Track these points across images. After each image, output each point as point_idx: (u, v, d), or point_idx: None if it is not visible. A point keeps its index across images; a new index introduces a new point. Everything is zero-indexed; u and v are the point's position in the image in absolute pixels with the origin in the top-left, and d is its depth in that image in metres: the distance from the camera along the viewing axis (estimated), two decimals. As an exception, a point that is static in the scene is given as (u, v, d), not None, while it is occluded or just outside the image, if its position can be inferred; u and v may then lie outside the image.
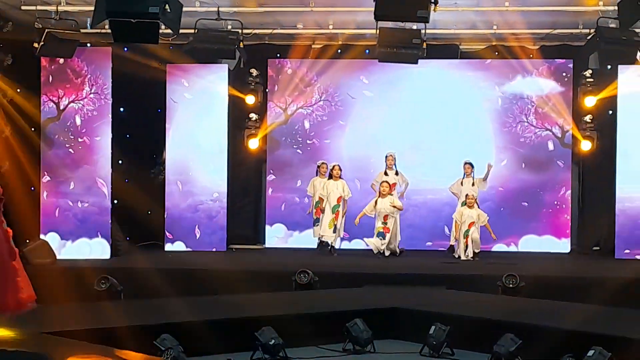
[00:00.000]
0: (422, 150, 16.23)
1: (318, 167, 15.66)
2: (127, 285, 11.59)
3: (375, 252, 14.69)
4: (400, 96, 16.51)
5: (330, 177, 15.19)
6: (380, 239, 14.69)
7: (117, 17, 10.04)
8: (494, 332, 8.23)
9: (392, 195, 14.84)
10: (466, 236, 14.62)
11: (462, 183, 15.14)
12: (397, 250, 14.90)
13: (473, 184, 15.05)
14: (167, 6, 10.02)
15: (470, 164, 15.16)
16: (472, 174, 15.14)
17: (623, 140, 15.21)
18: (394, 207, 14.72)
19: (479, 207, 14.82)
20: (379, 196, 14.79)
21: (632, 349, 7.67)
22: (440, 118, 16.36)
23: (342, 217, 15.17)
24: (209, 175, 15.69)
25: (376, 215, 14.78)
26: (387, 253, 14.71)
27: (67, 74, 14.66)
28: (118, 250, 14.71)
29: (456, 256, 14.72)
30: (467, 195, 14.85)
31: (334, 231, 15.01)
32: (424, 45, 12.92)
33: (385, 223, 14.70)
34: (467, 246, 14.62)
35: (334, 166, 15.27)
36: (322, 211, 15.19)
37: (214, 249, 15.51)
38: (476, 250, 14.61)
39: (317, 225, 15.36)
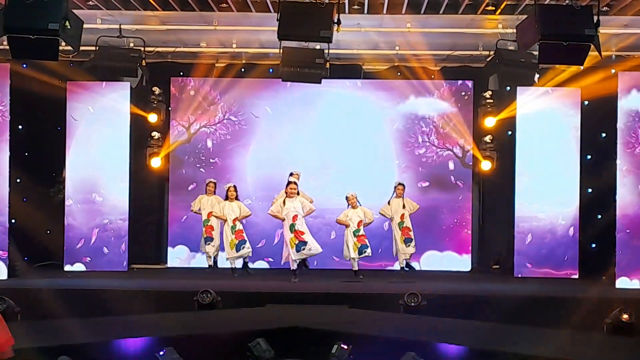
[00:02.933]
0: (326, 169, 16.28)
1: (206, 185, 15.50)
2: (24, 307, 11.32)
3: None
4: (305, 116, 16.57)
5: (227, 197, 14.97)
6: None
7: (15, 33, 9.84)
8: (396, 351, 8.26)
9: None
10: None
11: (389, 203, 15.10)
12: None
13: (404, 206, 15.01)
14: (67, 22, 9.85)
15: (403, 184, 15.16)
16: (403, 194, 15.13)
17: (522, 160, 15.50)
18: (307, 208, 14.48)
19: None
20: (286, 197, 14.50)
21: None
22: (344, 137, 16.45)
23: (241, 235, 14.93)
24: (110, 194, 15.49)
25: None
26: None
27: (-36, 90, 14.32)
28: (15, 270, 14.37)
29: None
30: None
31: (237, 250, 14.80)
32: (328, 65, 12.97)
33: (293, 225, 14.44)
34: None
35: (229, 187, 15.06)
36: (213, 229, 15.10)
37: (115, 269, 15.28)
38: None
39: (209, 244, 15.20)
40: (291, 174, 14.75)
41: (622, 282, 13.84)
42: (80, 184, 15.45)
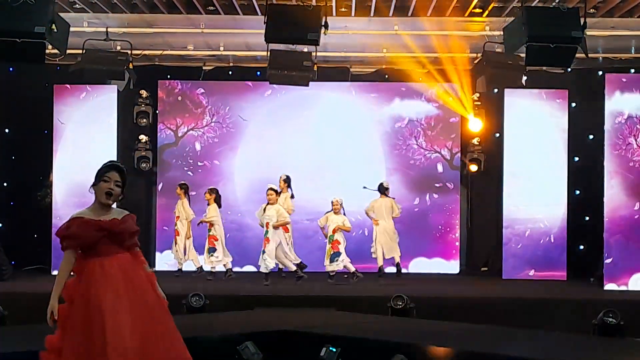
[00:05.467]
0: (314, 172, 16.26)
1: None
2: (11, 311, 11.27)
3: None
4: (292, 119, 16.56)
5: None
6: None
7: (1, 36, 9.81)
8: (384, 353, 8.26)
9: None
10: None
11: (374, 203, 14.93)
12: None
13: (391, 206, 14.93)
14: (53, 26, 9.83)
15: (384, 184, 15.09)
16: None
17: (509, 162, 15.53)
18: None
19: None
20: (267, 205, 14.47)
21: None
22: (332, 141, 16.44)
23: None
24: (97, 197, 15.41)
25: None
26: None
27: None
28: (2, 274, 14.32)
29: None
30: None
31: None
32: (315, 68, 12.99)
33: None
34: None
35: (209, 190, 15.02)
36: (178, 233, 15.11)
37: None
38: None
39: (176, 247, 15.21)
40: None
41: (610, 284, 13.87)
42: (68, 188, 15.37)
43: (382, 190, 14.88)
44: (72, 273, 6.08)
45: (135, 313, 5.80)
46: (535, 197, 15.36)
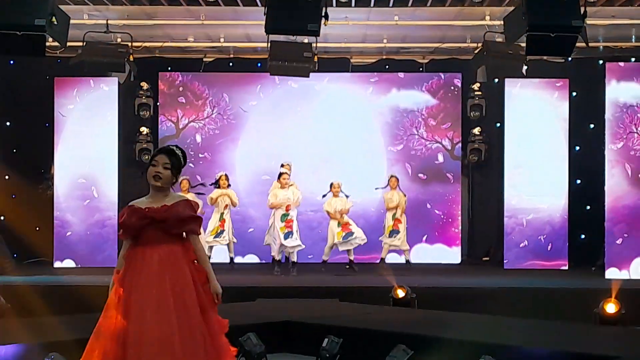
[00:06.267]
0: (315, 163, 16.27)
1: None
2: (15, 303, 11.29)
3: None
4: (293, 110, 16.56)
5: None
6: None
7: (1, 30, 9.81)
8: (387, 344, 8.27)
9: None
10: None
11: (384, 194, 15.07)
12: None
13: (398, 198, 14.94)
14: (54, 18, 9.83)
15: (396, 177, 15.13)
16: (398, 187, 15.06)
17: (510, 152, 15.54)
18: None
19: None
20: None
21: (520, 356, 7.82)
22: (333, 131, 16.45)
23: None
24: (99, 190, 15.45)
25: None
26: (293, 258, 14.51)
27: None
28: (5, 267, 14.35)
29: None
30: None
31: (216, 237, 14.73)
32: (316, 59, 12.98)
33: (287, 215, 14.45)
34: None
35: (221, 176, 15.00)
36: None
37: (105, 265, 15.21)
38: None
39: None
40: (282, 165, 14.67)
41: (611, 273, 13.89)
42: (69, 181, 15.41)
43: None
44: None
45: (164, 306, 5.64)
46: (536, 187, 15.37)
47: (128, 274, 5.79)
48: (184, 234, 5.91)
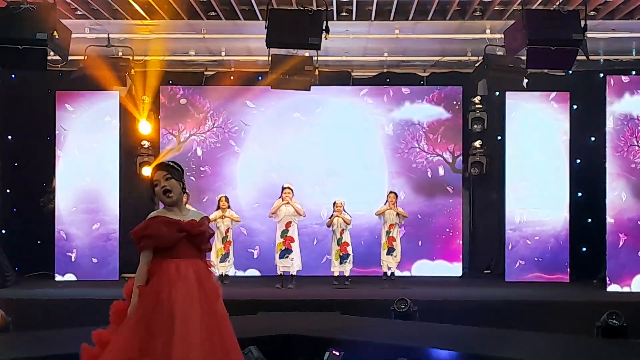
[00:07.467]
0: (316, 176, 16.28)
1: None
2: (16, 317, 11.29)
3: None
4: (294, 123, 16.56)
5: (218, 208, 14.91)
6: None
7: (3, 44, 9.85)
8: (388, 356, 8.27)
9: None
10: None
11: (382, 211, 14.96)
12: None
13: (397, 214, 14.94)
14: (55, 33, 9.88)
15: (395, 193, 15.09)
16: (396, 203, 15.04)
17: (511, 165, 15.55)
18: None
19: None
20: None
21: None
22: (334, 145, 16.44)
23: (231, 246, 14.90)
24: (100, 203, 15.47)
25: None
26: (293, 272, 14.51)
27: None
28: (6, 280, 14.36)
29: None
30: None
31: (222, 261, 14.73)
32: (317, 72, 13.00)
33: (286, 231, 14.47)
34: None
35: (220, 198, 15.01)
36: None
37: (106, 278, 15.24)
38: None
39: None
40: (283, 188, 14.59)
41: (612, 286, 13.88)
42: (71, 194, 15.42)
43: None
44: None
45: (205, 322, 5.72)
46: (537, 200, 15.38)
47: (162, 287, 5.77)
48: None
